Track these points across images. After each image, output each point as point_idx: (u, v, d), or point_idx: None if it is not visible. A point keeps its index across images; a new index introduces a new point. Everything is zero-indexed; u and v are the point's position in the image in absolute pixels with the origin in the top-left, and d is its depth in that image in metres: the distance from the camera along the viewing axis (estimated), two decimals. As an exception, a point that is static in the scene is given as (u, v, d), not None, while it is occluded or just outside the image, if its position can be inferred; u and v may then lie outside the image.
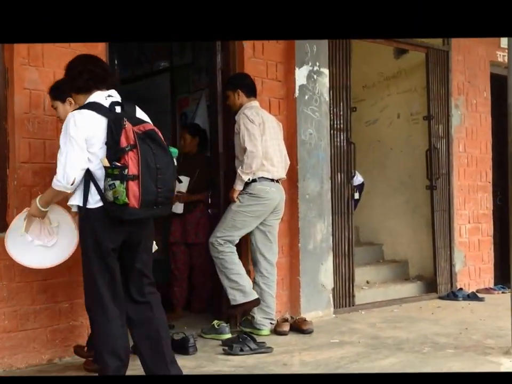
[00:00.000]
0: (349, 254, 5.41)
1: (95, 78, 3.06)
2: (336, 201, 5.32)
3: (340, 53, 5.36)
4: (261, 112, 4.48)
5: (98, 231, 2.97)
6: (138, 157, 2.81)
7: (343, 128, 5.39)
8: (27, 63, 3.65)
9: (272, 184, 4.46)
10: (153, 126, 3.00)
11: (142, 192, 2.81)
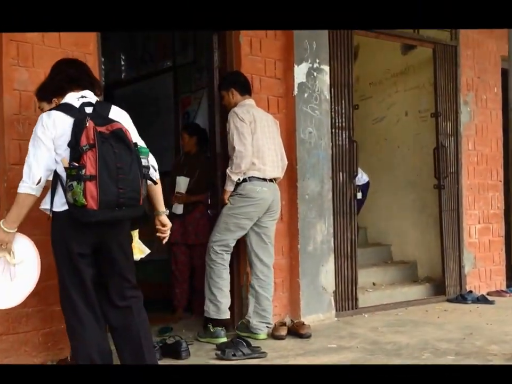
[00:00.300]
0: (352, 255, 5.28)
1: (69, 79, 3.04)
2: (338, 201, 5.20)
3: (342, 49, 5.23)
4: (253, 110, 4.36)
5: (65, 234, 2.91)
6: (96, 157, 2.72)
7: (345, 127, 5.25)
8: (17, 63, 3.59)
9: (264, 184, 4.32)
10: (122, 125, 2.87)
11: (100, 192, 2.70)
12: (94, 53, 3.89)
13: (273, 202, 4.39)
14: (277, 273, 4.79)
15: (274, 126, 4.48)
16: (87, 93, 3.01)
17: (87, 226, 2.84)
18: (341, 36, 5.22)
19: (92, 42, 3.88)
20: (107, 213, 2.77)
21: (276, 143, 4.44)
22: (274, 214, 4.45)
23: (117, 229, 2.97)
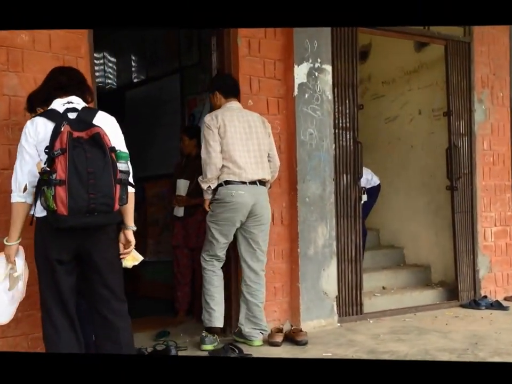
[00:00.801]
0: (356, 259, 5.15)
1: (58, 86, 3.03)
2: (342, 204, 5.08)
3: (346, 48, 5.10)
4: (227, 113, 4.22)
5: (44, 240, 2.91)
6: (66, 161, 2.69)
7: (349, 127, 5.13)
8: (6, 68, 3.58)
9: (241, 187, 4.19)
10: (101, 130, 2.82)
11: (69, 198, 2.67)
12: (86, 56, 3.86)
13: (256, 206, 4.22)
14: (276, 277, 4.71)
15: (260, 126, 4.30)
16: (73, 99, 2.99)
17: (64, 232, 2.81)
18: (344, 34, 5.09)
19: (83, 46, 3.85)
20: (78, 218, 2.72)
21: (258, 143, 4.26)
22: (260, 219, 4.28)
23: (96, 235, 2.92)
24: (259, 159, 4.26)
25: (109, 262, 3.01)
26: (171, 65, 6.22)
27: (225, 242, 4.27)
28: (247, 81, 4.57)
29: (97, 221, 2.80)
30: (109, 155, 2.78)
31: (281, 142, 4.74)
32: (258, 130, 4.28)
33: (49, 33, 3.70)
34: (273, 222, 4.68)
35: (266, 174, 4.30)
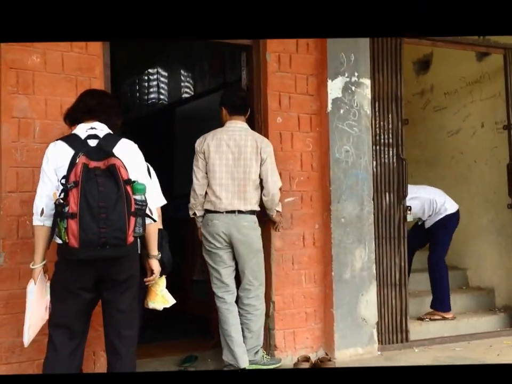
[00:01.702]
0: (401, 283, 4.84)
1: (84, 110, 3.04)
2: (383, 224, 4.79)
3: (388, 60, 4.83)
4: (215, 136, 4.04)
5: (63, 267, 2.92)
6: (78, 195, 2.68)
7: (392, 143, 4.84)
8: (16, 91, 3.61)
9: (216, 216, 4.00)
10: (118, 161, 2.79)
11: (80, 231, 2.66)
12: (100, 77, 3.86)
13: (233, 235, 3.99)
14: (308, 302, 4.50)
15: (252, 152, 4.01)
16: (97, 125, 2.98)
17: (78, 262, 2.80)
18: (387, 46, 4.82)
19: (97, 67, 3.84)
20: (89, 251, 2.71)
21: (244, 171, 4.01)
22: (241, 247, 4.02)
23: (115, 263, 2.86)
24: (242, 187, 4.01)
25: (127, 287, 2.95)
26: (217, 81, 6.16)
27: (225, 267, 4.08)
28: (276, 98, 4.41)
29: (108, 254, 2.75)
30: (123, 188, 2.74)
31: (314, 160, 4.54)
32: (247, 156, 4.01)
33: (62, 54, 3.72)
34: (303, 244, 4.49)
35: (248, 205, 4.02)
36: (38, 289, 2.94)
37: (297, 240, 4.48)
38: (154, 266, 3.06)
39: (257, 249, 4.09)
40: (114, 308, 2.94)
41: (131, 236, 2.75)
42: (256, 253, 4.08)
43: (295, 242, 4.47)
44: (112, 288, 2.91)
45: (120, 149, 2.91)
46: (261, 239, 4.14)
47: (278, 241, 4.41)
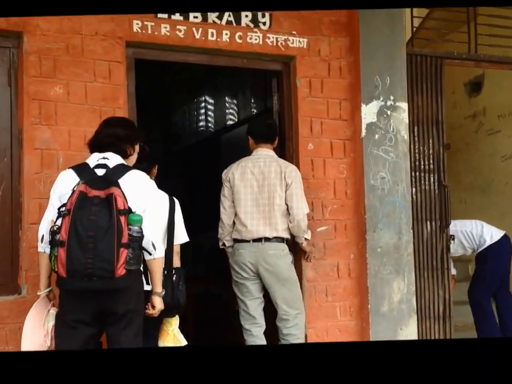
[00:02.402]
0: (445, 317, 4.56)
1: (95, 143, 3.02)
2: (425, 255, 4.54)
3: (428, 81, 4.62)
4: (240, 164, 3.98)
5: (61, 298, 2.87)
6: (69, 222, 2.63)
7: (433, 169, 4.61)
8: (38, 122, 3.63)
9: (243, 245, 3.91)
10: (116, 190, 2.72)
11: (67, 260, 2.61)
12: (124, 107, 3.85)
13: (260, 264, 3.87)
14: (343, 336, 4.29)
15: (276, 178, 3.89)
16: (109, 155, 2.95)
17: (70, 293, 2.75)
18: (426, 66, 4.63)
19: (121, 97, 3.84)
20: (76, 282, 2.65)
21: (269, 197, 3.89)
22: (269, 276, 3.87)
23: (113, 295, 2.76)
24: (267, 213, 3.89)
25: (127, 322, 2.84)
26: (259, 107, 6.09)
27: (252, 299, 3.95)
28: (307, 124, 4.29)
29: (96, 286, 2.67)
30: (115, 218, 2.65)
31: (348, 187, 4.37)
32: (272, 182, 3.90)
33: (85, 85, 3.73)
34: (338, 275, 4.30)
35: (273, 231, 3.88)
36: (35, 315, 2.91)
37: (331, 270, 4.30)
38: (156, 304, 2.94)
39: (287, 278, 3.92)
40: (115, 344, 2.83)
41: (121, 268, 2.64)
42: (286, 281, 3.92)
43: (329, 273, 4.30)
44: (112, 323, 2.82)
45: (128, 180, 2.85)
46: (292, 266, 3.99)
47: (311, 272, 4.25)
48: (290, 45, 4.28)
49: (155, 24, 3.96)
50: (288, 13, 4.30)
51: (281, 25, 4.26)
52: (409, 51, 4.54)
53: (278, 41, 4.25)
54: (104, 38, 3.83)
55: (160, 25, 3.97)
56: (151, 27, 3.95)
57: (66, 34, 3.74)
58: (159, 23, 3.97)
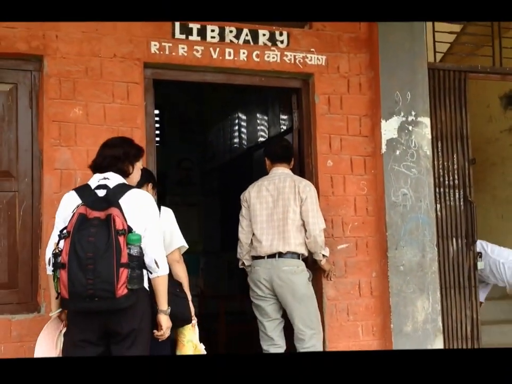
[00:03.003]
0: (473, 337, 4.42)
1: (96, 165, 3.05)
2: (451, 273, 4.43)
3: (451, 95, 4.54)
4: (256, 184, 4.01)
5: (68, 317, 2.92)
6: (68, 245, 2.68)
7: (458, 185, 4.50)
8: (58, 143, 3.73)
9: (258, 262, 3.91)
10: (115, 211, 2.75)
11: (68, 282, 2.65)
12: (142, 126, 3.91)
13: (274, 284, 3.84)
14: (365, 356, 4.19)
15: (291, 192, 3.87)
16: (110, 175, 2.98)
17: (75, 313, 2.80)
18: (449, 80, 4.55)
19: (139, 116, 3.90)
20: (78, 303, 2.69)
21: (283, 211, 3.86)
22: (284, 292, 3.83)
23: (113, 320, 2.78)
24: (281, 228, 3.86)
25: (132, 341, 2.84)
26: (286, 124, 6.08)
27: (269, 320, 3.91)
28: (326, 140, 4.26)
29: (98, 306, 2.69)
30: (113, 238, 2.68)
31: (369, 204, 4.31)
32: (286, 196, 3.88)
33: (104, 106, 3.82)
34: (359, 293, 4.23)
35: (286, 245, 3.84)
36: (47, 336, 2.94)
37: (352, 289, 4.24)
38: (162, 322, 2.93)
39: (303, 295, 3.85)
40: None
41: (122, 288, 2.65)
42: (302, 299, 3.85)
43: (350, 291, 4.23)
44: (117, 343, 2.83)
45: (128, 199, 2.86)
46: (309, 283, 3.91)
47: (331, 290, 4.19)
48: (308, 62, 4.28)
49: (172, 45, 4.02)
50: (306, 31, 4.31)
51: (299, 43, 4.27)
52: (431, 66, 4.47)
53: (296, 59, 4.25)
54: (122, 60, 3.91)
55: (178, 46, 4.03)
56: (168, 48, 4.01)
57: (85, 57, 3.84)
58: (177, 43, 4.03)
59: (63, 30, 3.80)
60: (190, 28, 4.06)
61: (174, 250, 3.29)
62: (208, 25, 4.09)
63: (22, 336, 3.52)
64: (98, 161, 3.06)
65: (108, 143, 3.16)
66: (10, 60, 3.77)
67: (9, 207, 3.70)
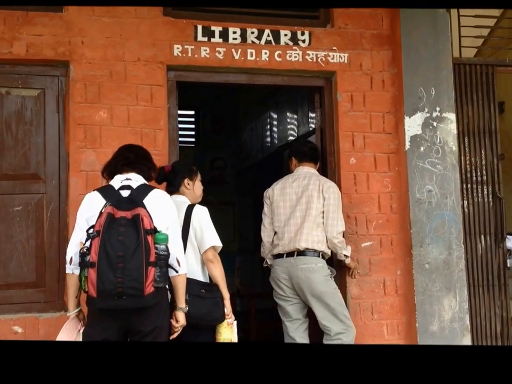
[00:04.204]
0: (503, 336, 4.34)
1: (123, 162, 3.14)
2: (479, 271, 4.36)
3: (478, 89, 4.46)
4: (281, 181, 4.04)
5: (88, 317, 2.98)
6: (98, 244, 2.73)
7: (486, 181, 4.42)
8: (84, 146, 3.83)
9: (277, 261, 3.93)
10: (142, 211, 2.82)
11: (98, 280, 2.70)
12: (165, 128, 3.98)
13: (293, 282, 3.86)
14: (391, 355, 4.16)
15: (315, 190, 3.88)
16: (133, 176, 3.07)
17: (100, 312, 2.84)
18: (476, 74, 4.47)
19: (162, 119, 3.98)
20: (107, 301, 2.74)
21: (306, 208, 3.87)
22: (304, 295, 3.84)
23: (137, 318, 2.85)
24: (301, 224, 3.85)
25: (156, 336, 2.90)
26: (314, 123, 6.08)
27: (290, 320, 3.92)
28: (349, 138, 4.25)
29: (126, 304, 2.75)
30: (142, 237, 2.75)
31: (393, 202, 4.28)
32: (309, 193, 3.89)
33: (128, 108, 3.90)
34: (384, 292, 4.21)
35: (303, 242, 3.82)
36: (66, 336, 3.00)
37: (377, 287, 4.22)
38: (180, 319, 3.00)
39: (321, 292, 3.81)
40: None
41: (149, 286, 2.72)
42: (322, 297, 3.82)
43: (375, 290, 4.21)
44: (138, 340, 2.89)
45: (151, 199, 2.94)
46: (328, 280, 3.86)
47: (355, 289, 4.18)
48: (330, 61, 4.27)
49: (195, 48, 4.08)
50: (328, 30, 4.30)
51: (321, 41, 4.27)
52: (456, 60, 4.40)
53: (318, 58, 4.25)
54: (146, 63, 3.99)
55: (200, 48, 4.09)
56: (191, 50, 4.07)
57: (110, 61, 3.93)
58: (199, 46, 4.09)
59: (88, 36, 3.91)
60: (212, 30, 4.11)
61: (208, 249, 3.30)
62: (230, 27, 4.14)
63: (49, 334, 3.61)
64: (129, 157, 3.14)
65: (130, 145, 3.30)
66: (38, 66, 3.89)
67: (37, 208, 3.82)
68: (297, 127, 6.71)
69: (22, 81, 3.86)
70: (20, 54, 3.79)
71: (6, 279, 3.75)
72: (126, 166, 3.11)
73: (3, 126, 3.82)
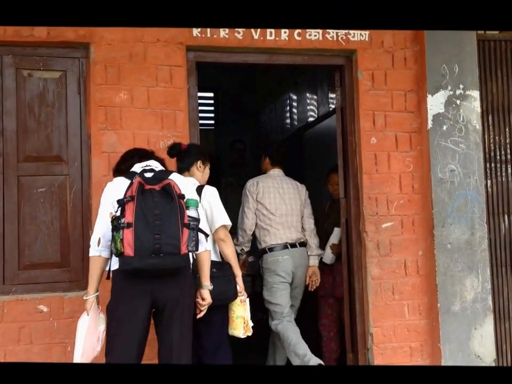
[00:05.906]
0: (526, 316, 4.30)
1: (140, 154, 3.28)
2: (502, 251, 4.32)
3: (503, 66, 4.38)
4: (265, 180, 4.36)
5: (117, 292, 2.97)
6: (134, 206, 2.76)
7: (510, 160, 4.37)
8: (105, 127, 3.85)
9: (285, 252, 4.23)
10: (172, 181, 2.92)
11: (135, 239, 2.72)
12: (185, 109, 3.98)
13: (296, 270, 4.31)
14: (412, 336, 4.18)
15: (294, 193, 4.40)
16: (152, 163, 3.16)
17: (137, 281, 2.86)
18: (500, 50, 4.40)
19: (182, 99, 3.97)
20: (144, 260, 2.75)
21: (291, 208, 4.35)
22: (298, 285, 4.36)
23: (169, 285, 2.88)
24: (294, 218, 4.35)
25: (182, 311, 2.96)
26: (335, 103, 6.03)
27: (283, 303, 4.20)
28: (369, 117, 4.21)
29: (163, 263, 2.77)
30: (176, 200, 2.83)
31: (415, 182, 4.24)
32: (291, 196, 4.36)
33: (148, 90, 3.90)
34: (405, 272, 4.19)
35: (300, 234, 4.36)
36: (91, 320, 3.02)
37: (398, 268, 4.20)
38: (205, 296, 3.06)
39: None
40: (165, 338, 2.95)
41: (184, 246, 2.78)
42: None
43: (395, 270, 4.20)
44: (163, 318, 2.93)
45: (174, 178, 3.02)
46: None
47: (376, 269, 4.17)
48: (351, 39, 4.23)
49: (214, 28, 4.05)
50: (348, 7, 4.24)
51: (341, 19, 4.21)
52: (480, 37, 4.33)
53: (338, 36, 4.21)
54: (165, 44, 3.98)
55: (219, 28, 4.06)
56: (210, 31, 4.05)
57: (129, 43, 3.93)
58: (218, 26, 4.06)
59: (107, 17, 3.90)
60: (231, 9, 4.08)
61: (219, 228, 3.40)
62: (249, 6, 4.10)
63: (73, 313, 3.67)
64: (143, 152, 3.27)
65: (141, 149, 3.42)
66: (59, 48, 3.91)
67: (61, 190, 3.86)
68: (317, 107, 6.66)
69: (43, 63, 3.88)
70: (41, 37, 3.80)
71: (31, 259, 3.80)
72: (143, 158, 3.20)
73: (26, 108, 3.85)
